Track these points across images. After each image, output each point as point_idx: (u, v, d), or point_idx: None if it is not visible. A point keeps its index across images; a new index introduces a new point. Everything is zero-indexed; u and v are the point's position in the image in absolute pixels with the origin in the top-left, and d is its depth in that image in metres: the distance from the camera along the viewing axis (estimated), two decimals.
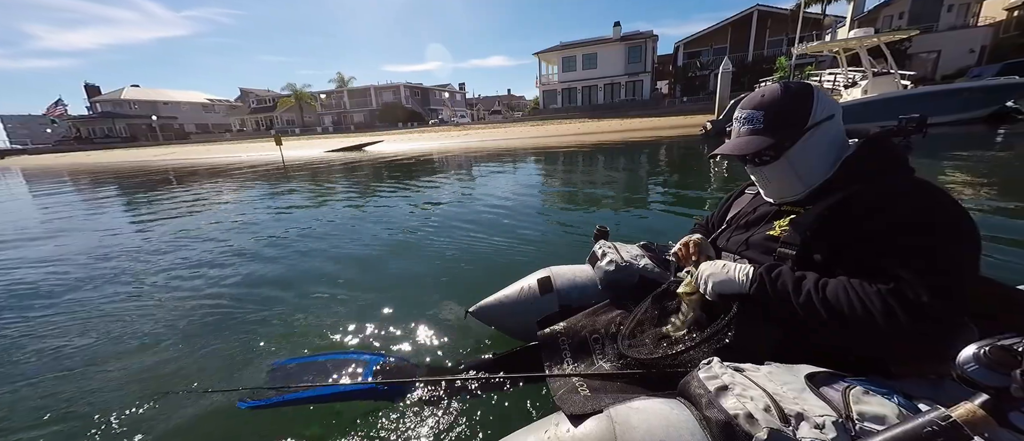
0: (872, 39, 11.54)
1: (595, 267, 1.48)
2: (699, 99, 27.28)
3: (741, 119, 0.97)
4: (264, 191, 8.03)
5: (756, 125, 0.93)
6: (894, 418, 0.61)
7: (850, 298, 0.75)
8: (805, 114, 0.89)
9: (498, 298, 1.63)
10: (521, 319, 1.52)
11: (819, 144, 0.91)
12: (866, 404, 0.64)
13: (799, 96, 0.91)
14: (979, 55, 21.20)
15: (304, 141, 29.69)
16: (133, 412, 1.53)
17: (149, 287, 2.90)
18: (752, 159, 0.97)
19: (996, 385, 0.50)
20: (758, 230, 1.03)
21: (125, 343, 2.12)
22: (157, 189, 9.33)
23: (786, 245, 0.91)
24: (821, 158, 0.92)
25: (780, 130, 0.91)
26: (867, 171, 0.87)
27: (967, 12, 23.55)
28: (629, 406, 0.80)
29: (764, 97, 0.94)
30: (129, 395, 1.65)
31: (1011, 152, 7.15)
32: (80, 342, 2.14)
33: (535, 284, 1.54)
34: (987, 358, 0.52)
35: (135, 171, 15.51)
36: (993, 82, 11.03)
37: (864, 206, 0.81)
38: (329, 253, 3.47)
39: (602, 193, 5.88)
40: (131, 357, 1.98)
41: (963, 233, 0.75)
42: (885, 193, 0.80)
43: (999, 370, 0.51)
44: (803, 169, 0.93)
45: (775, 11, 27.00)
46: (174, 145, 38.59)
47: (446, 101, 57.56)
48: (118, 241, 4.38)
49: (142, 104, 51.48)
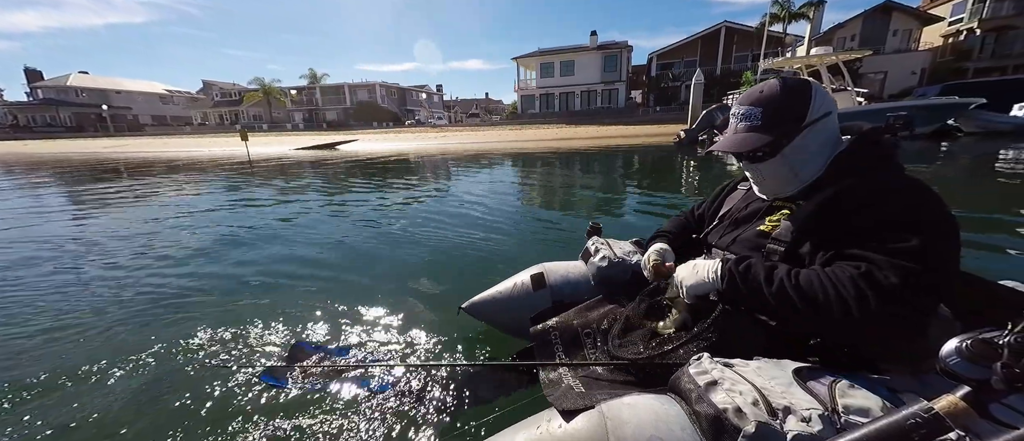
0: (832, 57, 12.37)
1: (588, 263, 1.48)
2: (671, 109, 28.29)
3: (739, 115, 0.96)
4: (230, 187, 7.62)
5: (754, 122, 0.92)
6: (878, 411, 0.63)
7: (823, 284, 0.76)
8: (803, 111, 0.89)
9: (491, 294, 1.62)
10: (514, 315, 1.50)
11: (815, 141, 0.91)
12: (851, 398, 0.66)
13: (797, 92, 0.90)
14: (920, 77, 23.19)
15: (272, 137, 28.45)
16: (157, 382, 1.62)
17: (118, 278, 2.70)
18: (749, 156, 0.96)
19: (977, 377, 0.51)
20: (749, 226, 1.03)
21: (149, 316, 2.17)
22: (103, 182, 8.65)
23: (776, 241, 0.91)
24: (816, 155, 0.92)
25: (778, 127, 0.90)
26: (858, 167, 0.87)
27: (909, 37, 25.81)
28: (621, 401, 0.80)
29: (763, 93, 0.93)
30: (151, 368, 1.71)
31: (953, 165, 7.82)
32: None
33: (528, 280, 1.53)
34: (969, 351, 0.53)
35: (80, 165, 14.31)
36: (936, 101, 12.06)
37: (854, 201, 0.82)
38: (315, 251, 3.37)
39: (590, 194, 5.96)
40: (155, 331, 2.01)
41: (947, 230, 0.76)
42: (876, 189, 0.81)
43: (980, 363, 0.52)
44: (799, 166, 0.92)
45: (741, 28, 28.48)
46: (127, 137, 36.02)
47: (423, 102, 56.84)
48: (52, 230, 4.03)
49: (91, 92, 47.69)
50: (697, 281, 0.93)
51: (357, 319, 2.06)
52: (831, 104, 0.92)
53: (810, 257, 0.85)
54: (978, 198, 4.74)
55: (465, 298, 1.66)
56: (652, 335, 1.06)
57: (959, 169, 7.33)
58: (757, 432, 0.61)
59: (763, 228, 0.97)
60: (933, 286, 0.72)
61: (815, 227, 0.86)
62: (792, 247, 0.88)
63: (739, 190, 1.20)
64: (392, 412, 1.36)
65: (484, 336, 1.82)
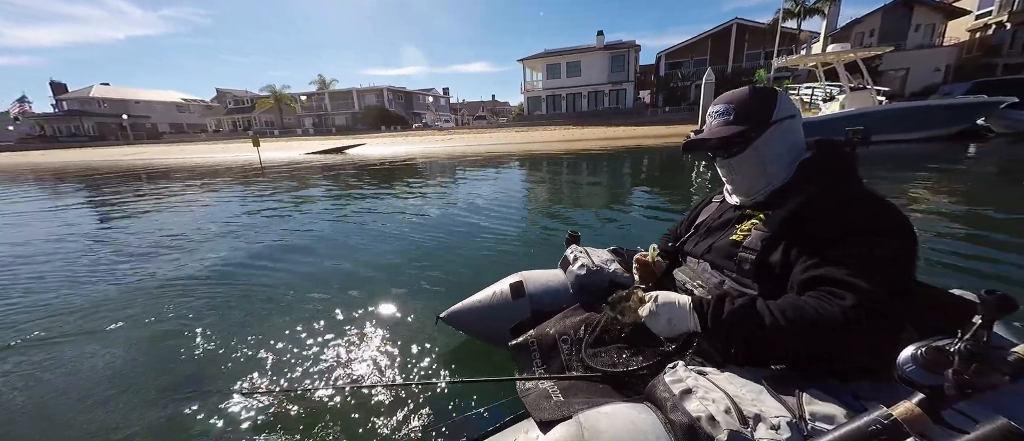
0: (850, 54, 11.81)
1: (567, 272, 1.51)
2: (680, 109, 27.74)
3: (714, 114, 1.03)
4: (239, 192, 7.69)
5: (727, 117, 0.99)
6: (842, 418, 0.65)
7: (810, 311, 0.75)
8: (769, 110, 0.97)
9: (470, 303, 1.62)
10: (493, 324, 1.51)
11: (783, 139, 0.97)
12: (817, 405, 0.68)
13: (764, 94, 0.99)
14: (945, 74, 22.16)
15: (283, 143, 28.86)
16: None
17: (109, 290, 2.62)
18: (722, 151, 1.02)
19: (931, 384, 0.53)
20: (723, 235, 1.05)
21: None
22: (124, 189, 8.77)
23: (747, 249, 0.94)
24: (784, 154, 0.98)
25: (748, 121, 0.96)
26: (821, 177, 0.92)
27: (933, 32, 24.69)
28: (598, 411, 0.81)
29: (734, 94, 1.02)
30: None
31: (980, 168, 7.36)
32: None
33: (507, 289, 1.54)
34: (923, 358, 0.54)
35: (98, 170, 14.63)
36: (964, 100, 11.40)
37: (820, 210, 0.85)
38: (299, 255, 3.42)
39: (579, 199, 5.88)
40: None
41: (909, 238, 0.79)
42: (841, 200, 0.85)
43: (934, 370, 0.53)
44: (768, 161, 0.97)
45: (753, 25, 27.74)
46: (145, 145, 37.01)
47: (430, 105, 57.15)
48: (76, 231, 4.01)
49: (112, 102, 49.28)
50: (668, 328, 0.90)
51: (335, 335, 2.01)
52: (794, 110, 1.00)
53: (780, 266, 0.87)
54: (1011, 204, 4.38)
55: (444, 307, 1.65)
56: (628, 343, 1.08)
57: (986, 173, 6.87)
58: (729, 440, 0.63)
59: (735, 237, 0.99)
60: (908, 290, 0.77)
61: (784, 235, 0.88)
62: (762, 256, 0.90)
63: (714, 203, 1.23)
64: (370, 429, 1.37)
65: (462, 345, 1.81)
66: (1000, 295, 0.55)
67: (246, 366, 1.80)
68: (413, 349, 1.84)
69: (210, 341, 2.02)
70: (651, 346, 1.04)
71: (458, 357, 1.78)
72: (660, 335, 0.91)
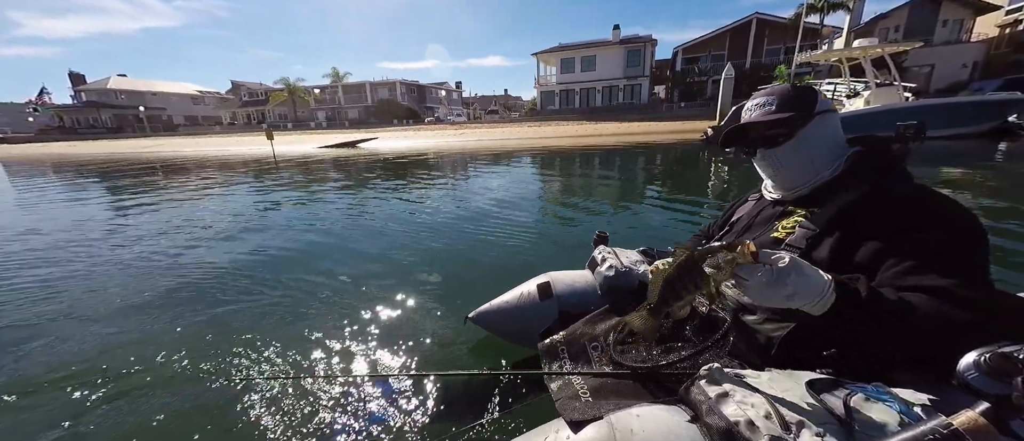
0: (876, 50, 11.49)
1: (595, 273, 1.48)
2: (696, 105, 27.28)
3: (753, 106, 0.99)
4: (253, 187, 7.74)
5: (769, 107, 0.96)
6: (895, 426, 0.60)
7: (927, 309, 0.69)
8: (813, 101, 0.95)
9: (498, 304, 1.62)
10: (521, 325, 1.50)
11: (826, 131, 0.95)
12: (867, 411, 0.63)
13: (805, 88, 0.98)
14: (971, 70, 21.47)
15: (296, 136, 29.10)
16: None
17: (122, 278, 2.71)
18: (764, 142, 0.98)
19: (997, 393, 0.50)
20: (762, 232, 1.00)
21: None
22: (142, 181, 8.95)
23: (791, 246, 0.89)
24: (828, 148, 0.95)
25: (792, 109, 0.94)
26: (871, 173, 0.88)
27: (961, 28, 23.91)
28: (629, 412, 0.79)
29: (773, 88, 0.99)
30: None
31: (1012, 166, 7.09)
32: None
33: (535, 290, 1.53)
34: (987, 365, 0.51)
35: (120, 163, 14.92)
36: (995, 97, 11.04)
37: (874, 209, 0.82)
38: (323, 254, 3.41)
39: (602, 197, 5.78)
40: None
41: (984, 235, 0.77)
42: (913, 195, 0.81)
43: (999, 378, 0.50)
44: (814, 153, 0.94)
45: (774, 20, 27.10)
46: (161, 137, 37.64)
47: (442, 99, 57.11)
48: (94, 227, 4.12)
49: (129, 94, 50.12)
50: (806, 290, 0.69)
51: (366, 330, 2.05)
52: (832, 107, 0.98)
53: (827, 263, 0.82)
54: None
55: (472, 307, 1.66)
56: (658, 343, 1.05)
57: (1016, 171, 6.61)
58: None
59: (777, 234, 0.95)
60: (996, 303, 0.72)
61: (831, 233, 0.85)
62: (806, 253, 0.86)
63: (749, 201, 1.20)
64: (401, 421, 1.39)
65: (492, 344, 1.81)
66: None
67: (276, 354, 1.87)
68: (440, 347, 1.86)
69: (239, 331, 2.10)
70: (683, 344, 1.02)
71: (486, 356, 1.80)
72: (758, 301, 0.74)
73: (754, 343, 0.93)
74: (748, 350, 0.95)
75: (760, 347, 0.91)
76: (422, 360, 1.79)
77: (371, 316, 2.19)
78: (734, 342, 0.95)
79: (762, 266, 0.68)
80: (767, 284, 0.68)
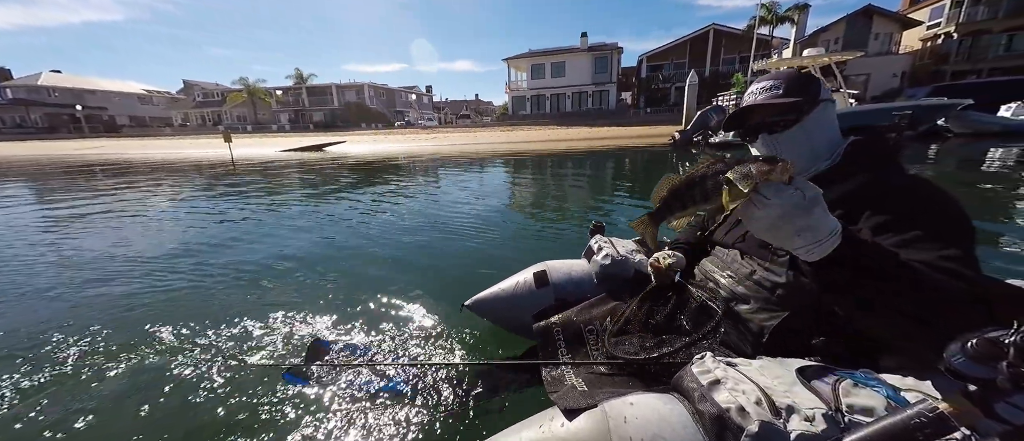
0: (824, 58, 12.52)
1: (591, 261, 1.51)
2: (662, 110, 28.46)
3: (758, 90, 0.97)
4: (214, 192, 7.31)
5: (776, 90, 0.94)
6: (882, 410, 0.62)
7: (922, 272, 0.71)
8: (817, 89, 0.94)
9: (494, 292, 1.62)
10: (517, 313, 1.51)
11: (827, 119, 0.95)
12: (855, 396, 0.64)
13: (809, 75, 0.98)
14: (901, 79, 23.75)
15: (257, 139, 27.66)
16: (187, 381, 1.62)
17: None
18: (769, 126, 0.96)
19: (983, 377, 0.51)
20: None
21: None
22: (81, 184, 8.18)
23: None
24: (827, 137, 0.95)
25: (800, 94, 0.93)
26: (868, 162, 0.90)
27: (891, 41, 26.42)
28: (623, 400, 0.79)
29: (779, 72, 0.97)
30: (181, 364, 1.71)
31: (943, 165, 7.91)
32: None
33: (531, 278, 1.54)
34: (974, 350, 0.52)
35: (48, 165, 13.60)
36: (926, 102, 12.26)
37: (873, 199, 0.82)
38: (318, 249, 3.36)
39: (589, 194, 5.91)
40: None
41: (970, 224, 0.79)
42: (908, 186, 0.83)
43: (985, 362, 0.51)
44: (816, 141, 0.94)
45: (729, 30, 28.83)
46: (103, 139, 34.61)
47: (413, 103, 56.23)
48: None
49: (63, 92, 45.75)
50: (793, 220, 0.66)
51: (360, 319, 2.05)
52: (831, 96, 0.98)
53: None
54: (969, 197, 4.75)
55: (468, 295, 1.66)
56: (652, 333, 1.06)
57: (950, 169, 7.41)
58: (761, 431, 0.60)
59: None
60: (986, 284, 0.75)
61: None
62: None
63: None
64: (396, 410, 1.38)
65: (487, 334, 1.82)
66: None
67: (273, 344, 1.86)
68: (437, 335, 1.86)
69: (228, 322, 2.06)
70: (676, 335, 1.02)
71: (482, 344, 1.79)
72: (765, 228, 0.69)
73: (746, 333, 0.94)
74: (740, 340, 0.96)
75: (752, 336, 0.93)
76: (416, 350, 1.77)
77: (362, 309, 2.17)
78: (726, 332, 0.95)
79: (793, 189, 0.64)
80: (794, 208, 0.63)
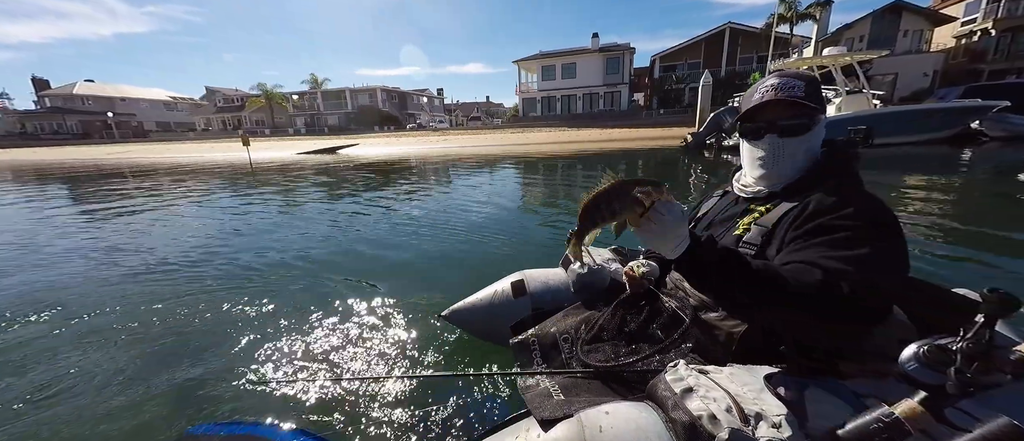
0: (845, 58, 11.91)
1: (568, 270, 1.49)
2: (675, 112, 27.85)
3: (778, 85, 0.94)
4: (229, 192, 7.47)
5: (797, 92, 0.92)
6: (844, 415, 0.65)
7: (785, 274, 0.74)
8: (823, 99, 0.94)
9: (471, 302, 1.60)
10: (494, 322, 1.49)
11: (822, 131, 0.96)
12: (818, 403, 0.68)
13: (818, 82, 0.98)
14: (932, 79, 22.55)
15: (274, 142, 28.36)
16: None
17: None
18: (783, 129, 0.94)
19: (933, 382, 0.54)
20: (725, 230, 1.02)
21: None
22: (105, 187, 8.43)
23: (747, 244, 0.93)
24: (816, 149, 0.96)
25: (818, 102, 0.92)
26: (824, 175, 0.92)
27: (921, 38, 25.16)
28: (599, 410, 0.80)
29: (800, 71, 0.97)
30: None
31: (974, 173, 7.38)
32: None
33: (508, 288, 1.53)
34: (925, 357, 0.55)
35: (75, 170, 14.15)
36: (957, 104, 11.56)
37: (817, 211, 0.84)
38: (295, 252, 3.39)
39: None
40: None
41: (895, 233, 0.80)
42: (842, 198, 0.84)
43: (936, 368, 0.54)
44: (810, 150, 0.95)
45: (746, 29, 27.99)
46: (131, 143, 36.10)
47: (424, 106, 56.76)
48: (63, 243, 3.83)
49: (97, 100, 48.06)
50: (661, 235, 0.76)
51: (334, 331, 1.99)
52: None
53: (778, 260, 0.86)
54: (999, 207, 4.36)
55: (445, 305, 1.63)
56: (626, 341, 1.09)
57: (983, 176, 6.88)
58: (730, 439, 0.62)
59: (738, 232, 0.97)
60: (877, 287, 0.74)
61: (783, 228, 0.88)
62: (760, 250, 0.90)
63: (714, 196, 1.21)
64: (368, 424, 1.35)
65: (464, 343, 1.79)
66: (1003, 293, 0.53)
67: (249, 357, 1.80)
68: (414, 346, 1.82)
69: (207, 335, 2.02)
70: (649, 343, 1.05)
71: (458, 355, 1.76)
72: (645, 242, 0.80)
73: (715, 340, 0.96)
74: (712, 346, 0.97)
75: (722, 343, 0.95)
76: (392, 358, 1.74)
77: (339, 317, 2.11)
78: (698, 340, 0.98)
79: (678, 205, 0.76)
80: (678, 220, 0.74)
